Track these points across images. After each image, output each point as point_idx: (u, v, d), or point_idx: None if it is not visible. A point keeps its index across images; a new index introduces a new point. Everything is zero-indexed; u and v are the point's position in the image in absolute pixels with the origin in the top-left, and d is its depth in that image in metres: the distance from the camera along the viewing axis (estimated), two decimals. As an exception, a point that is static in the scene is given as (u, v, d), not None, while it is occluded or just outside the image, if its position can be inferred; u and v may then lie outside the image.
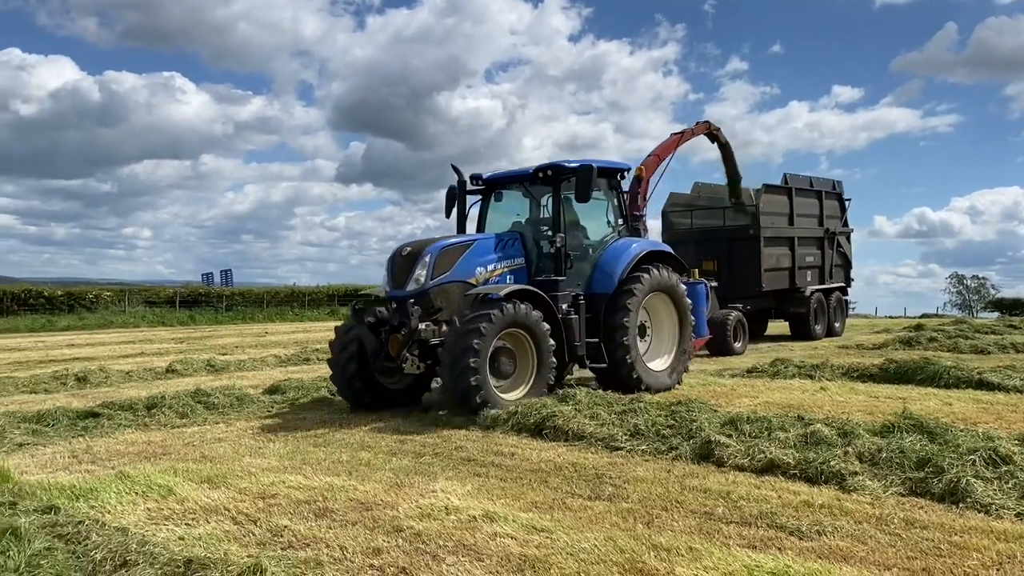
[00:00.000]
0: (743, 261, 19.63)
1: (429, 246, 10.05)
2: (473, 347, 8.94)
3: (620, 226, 11.72)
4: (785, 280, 20.35)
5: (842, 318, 22.83)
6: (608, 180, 11.61)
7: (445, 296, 9.90)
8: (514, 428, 8.50)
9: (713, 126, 19.62)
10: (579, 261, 11.00)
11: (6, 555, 4.28)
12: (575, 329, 10.36)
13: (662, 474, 6.62)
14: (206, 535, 5.18)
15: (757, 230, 19.46)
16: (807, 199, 21.53)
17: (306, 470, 7.09)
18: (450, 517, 5.49)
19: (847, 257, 23.27)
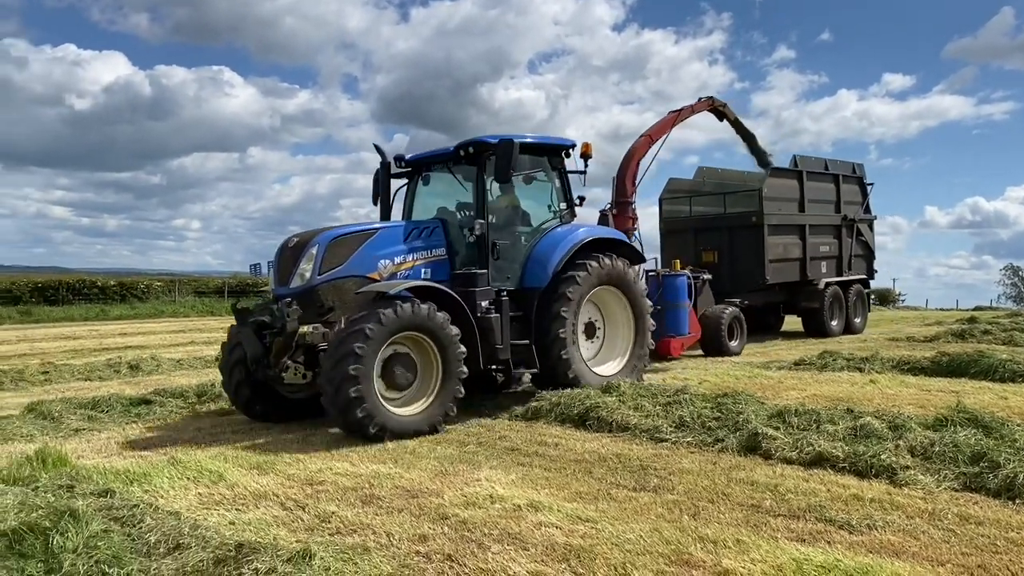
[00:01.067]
0: (746, 251, 17.65)
1: (318, 236, 8.73)
2: (355, 353, 7.58)
3: (563, 211, 10.37)
4: (795, 272, 18.38)
5: (863, 313, 20.62)
6: (549, 159, 10.29)
7: (338, 293, 8.58)
8: (557, 419, 8.50)
9: (718, 102, 18.07)
10: (509, 251, 9.68)
11: (65, 536, 4.40)
12: (495, 330, 9.02)
13: (708, 466, 6.56)
14: (256, 520, 5.28)
15: (760, 217, 17.45)
16: (821, 183, 19.43)
17: (352, 457, 7.18)
18: (495, 506, 5.51)
19: (869, 247, 21.10)
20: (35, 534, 4.46)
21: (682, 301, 13.95)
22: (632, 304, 10.47)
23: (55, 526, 4.50)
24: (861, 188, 20.83)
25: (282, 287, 8.75)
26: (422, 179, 10.54)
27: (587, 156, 10.27)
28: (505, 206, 10.03)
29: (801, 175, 18.65)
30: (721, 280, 16.97)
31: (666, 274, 14.17)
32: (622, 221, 14.60)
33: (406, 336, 8.12)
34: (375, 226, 9.19)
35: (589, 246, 10.00)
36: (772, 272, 17.58)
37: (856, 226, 20.21)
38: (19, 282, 36.07)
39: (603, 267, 10.00)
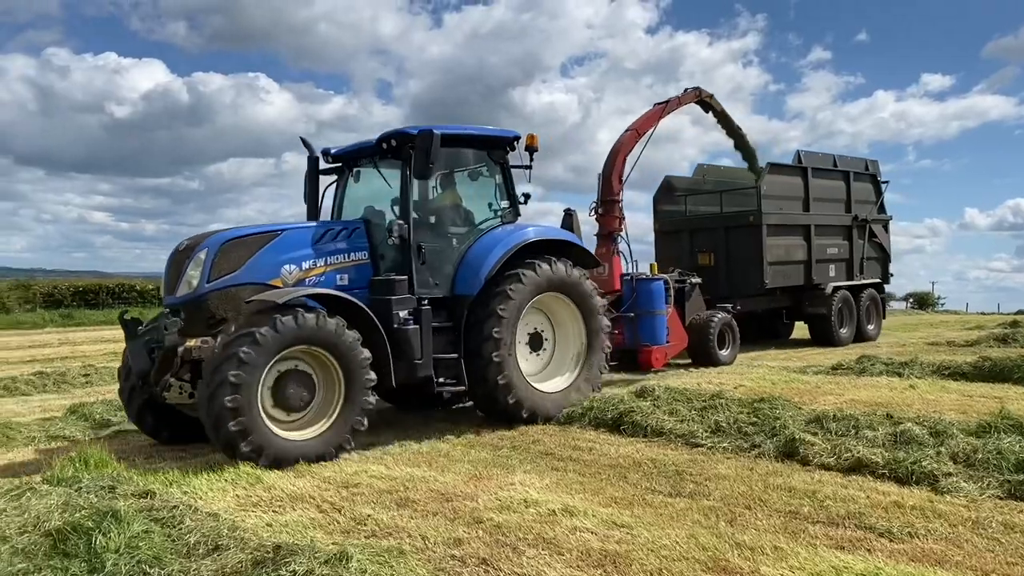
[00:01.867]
0: (743, 253, 16.38)
1: (208, 238, 7.83)
2: (238, 359, 6.71)
3: (506, 210, 9.37)
4: (799, 275, 17.05)
5: (877, 320, 19.09)
6: (490, 152, 9.30)
7: (231, 303, 7.60)
8: (592, 423, 8.48)
9: (704, 93, 16.88)
10: (440, 256, 8.73)
11: (108, 536, 4.48)
12: (414, 344, 8.07)
13: (744, 472, 6.50)
14: (292, 522, 5.33)
15: (758, 216, 16.11)
16: (829, 181, 18.02)
17: (387, 460, 7.22)
18: (529, 510, 5.50)
19: (884, 249, 19.63)
20: (78, 534, 4.55)
21: (658, 308, 12.78)
22: (583, 313, 9.40)
23: (98, 526, 4.58)
24: (875, 186, 19.46)
25: (170, 296, 7.90)
26: (352, 175, 9.60)
27: (532, 149, 9.32)
28: (443, 205, 9.22)
29: (805, 172, 17.32)
30: (718, 284, 16.22)
31: (640, 278, 13.08)
32: (608, 220, 14.07)
33: (305, 351, 7.24)
34: (279, 227, 8.20)
35: (534, 249, 9.02)
36: (772, 276, 16.32)
37: (869, 227, 18.85)
38: (61, 286, 36.87)
39: (546, 272, 8.91)
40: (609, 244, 13.91)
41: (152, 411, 8.17)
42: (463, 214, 9.30)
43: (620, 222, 14.12)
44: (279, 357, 7.04)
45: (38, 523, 4.85)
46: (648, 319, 12.86)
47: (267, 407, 7.07)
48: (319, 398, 7.41)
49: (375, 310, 7.88)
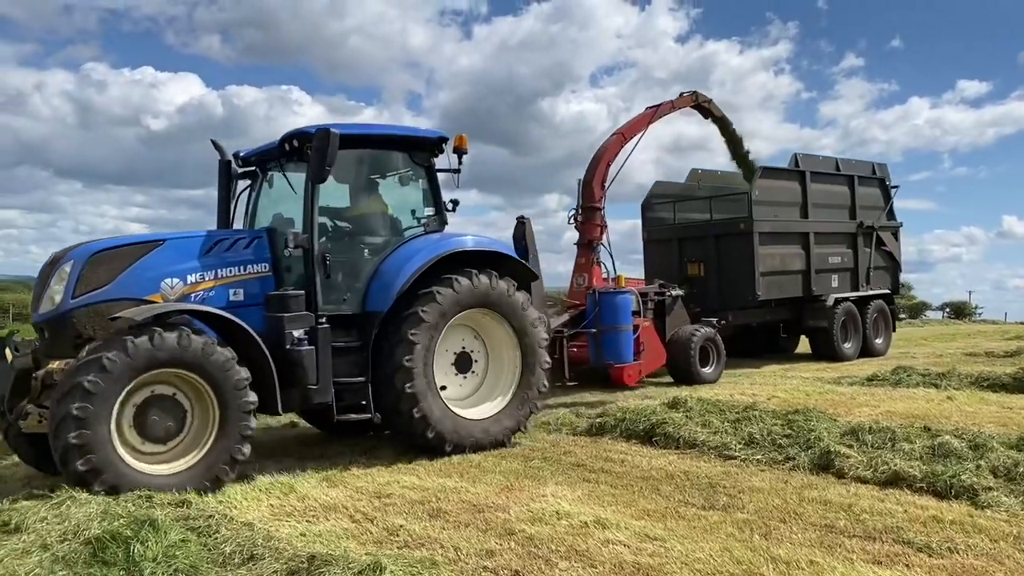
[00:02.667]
0: (734, 263, 15.32)
1: (75, 249, 7.09)
2: (83, 389, 5.98)
3: (429, 218, 8.52)
4: (797, 286, 15.96)
5: (886, 333, 17.88)
6: (412, 155, 8.45)
7: (101, 321, 6.79)
8: (623, 434, 8.44)
9: (702, 97, 15.95)
10: (351, 268, 7.91)
11: (145, 545, 4.54)
12: (307, 366, 7.21)
13: (779, 484, 6.43)
14: (326, 532, 5.37)
15: (750, 224, 15.03)
16: (831, 186, 16.99)
17: (419, 471, 7.25)
18: (561, 522, 5.49)
19: (894, 258, 18.49)
20: (117, 542, 4.61)
21: (623, 323, 11.58)
22: (516, 330, 8.40)
23: (136, 535, 4.65)
24: (883, 191, 18.35)
25: (34, 313, 7.16)
26: (267, 180, 8.74)
27: (461, 151, 8.54)
28: (358, 212, 8.41)
29: (803, 176, 16.24)
30: (708, 296, 15.36)
31: (604, 291, 11.95)
32: (589, 229, 13.52)
33: (173, 374, 6.46)
34: (160, 237, 7.45)
35: (468, 260, 8.16)
36: (765, 287, 15.19)
37: (876, 234, 17.76)
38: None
39: (466, 288, 7.95)
40: (589, 253, 13.42)
41: (32, 440, 7.08)
42: (381, 222, 8.42)
43: (602, 230, 13.59)
44: (139, 383, 6.29)
45: (78, 531, 4.93)
46: (612, 335, 11.57)
47: (128, 439, 6.33)
48: (192, 426, 6.62)
49: (268, 328, 7.23)
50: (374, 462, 7.65)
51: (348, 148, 7.72)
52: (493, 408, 8.31)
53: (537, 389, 8.55)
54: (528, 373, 8.47)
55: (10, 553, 4.75)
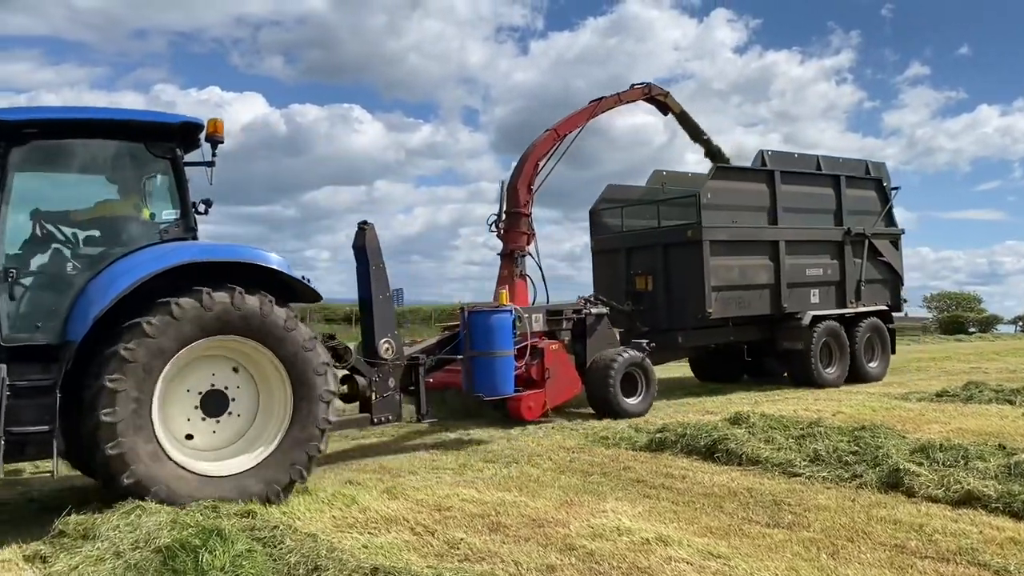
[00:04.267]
0: (683, 276, 13.40)
1: None
2: None
3: (171, 223, 6.85)
4: (764, 302, 13.88)
5: (882, 356, 15.52)
6: (148, 144, 6.77)
7: None
8: (684, 450, 8.33)
9: (657, 90, 14.36)
10: (52, 286, 6.39)
11: (213, 554, 4.64)
12: None
13: (846, 503, 6.28)
14: (387, 544, 5.41)
15: (698, 231, 13.08)
16: (810, 188, 14.82)
17: (478, 484, 7.26)
18: (622, 538, 5.44)
19: (893, 269, 16.07)
20: (186, 551, 4.71)
21: (498, 348, 9.40)
22: (282, 360, 6.60)
23: (204, 544, 4.74)
24: (880, 194, 16.04)
25: None
26: None
27: (216, 140, 6.95)
28: (82, 217, 6.91)
29: (772, 176, 14.15)
30: (656, 313, 13.63)
31: (475, 311, 9.79)
32: (513, 237, 12.22)
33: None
34: None
35: (204, 274, 6.33)
36: (720, 303, 13.20)
37: (870, 242, 15.45)
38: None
39: (192, 311, 6.17)
40: (511, 265, 12.18)
41: None
42: (103, 228, 6.83)
43: (528, 239, 12.36)
44: None
45: (149, 539, 5.05)
46: (484, 362, 9.37)
47: None
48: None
49: None
50: (433, 475, 7.70)
51: (57, 136, 6.48)
52: (253, 459, 6.51)
53: (316, 427, 6.69)
54: (302, 409, 6.66)
55: (85, 560, 4.92)
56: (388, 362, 8.48)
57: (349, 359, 8.15)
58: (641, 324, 13.30)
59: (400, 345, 8.77)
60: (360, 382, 8.34)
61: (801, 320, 13.97)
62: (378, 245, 8.81)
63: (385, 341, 8.51)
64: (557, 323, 11.35)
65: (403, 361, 8.75)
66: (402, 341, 8.98)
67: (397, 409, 8.49)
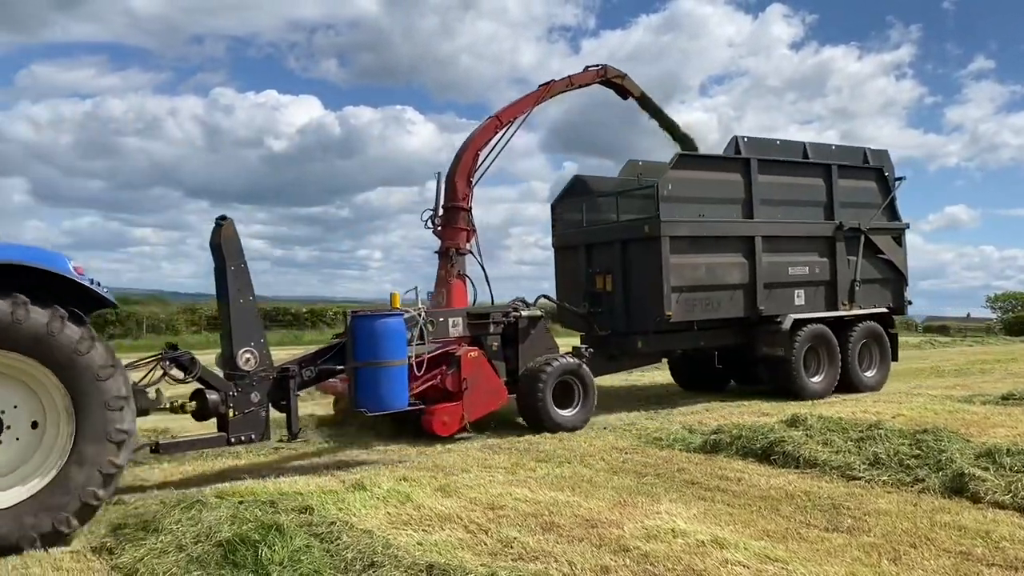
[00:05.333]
0: (641, 276, 12.11)
1: None
2: None
3: None
4: (737, 304, 12.48)
5: (880, 363, 13.91)
6: None
7: None
8: (739, 452, 8.22)
9: (613, 72, 13.12)
10: None
11: (272, 549, 4.73)
12: None
13: (907, 507, 6.13)
14: (441, 542, 5.44)
15: (656, 226, 11.77)
16: (794, 178, 13.34)
17: (531, 483, 7.26)
18: (677, 540, 5.39)
19: (896, 268, 14.47)
20: (246, 546, 4.82)
21: (385, 357, 8.27)
22: (71, 392, 5.72)
23: (263, 539, 4.85)
24: (880, 185, 14.41)
25: None
26: None
27: None
28: None
29: (747, 165, 12.72)
30: (615, 316, 12.38)
31: (359, 315, 8.56)
32: (450, 234, 11.34)
33: None
34: None
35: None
36: (681, 306, 11.85)
37: (866, 238, 13.90)
38: (223, 310, 39.27)
39: None
40: (448, 264, 11.31)
41: None
42: None
43: (468, 236, 11.44)
44: None
45: (210, 534, 5.18)
46: (370, 373, 8.26)
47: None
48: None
49: None
50: (486, 473, 7.72)
51: None
52: (24, 492, 5.60)
53: (100, 471, 5.69)
54: (84, 448, 5.69)
55: (149, 552, 5.07)
56: (250, 375, 7.55)
57: (195, 371, 7.25)
58: (600, 328, 12.27)
59: (265, 355, 7.74)
60: (211, 397, 7.33)
61: (781, 324, 12.59)
62: (238, 243, 7.82)
63: (246, 351, 7.56)
64: (482, 327, 10.28)
65: (271, 373, 7.76)
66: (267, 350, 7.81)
67: (262, 427, 7.59)
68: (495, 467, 8.04)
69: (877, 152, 14.58)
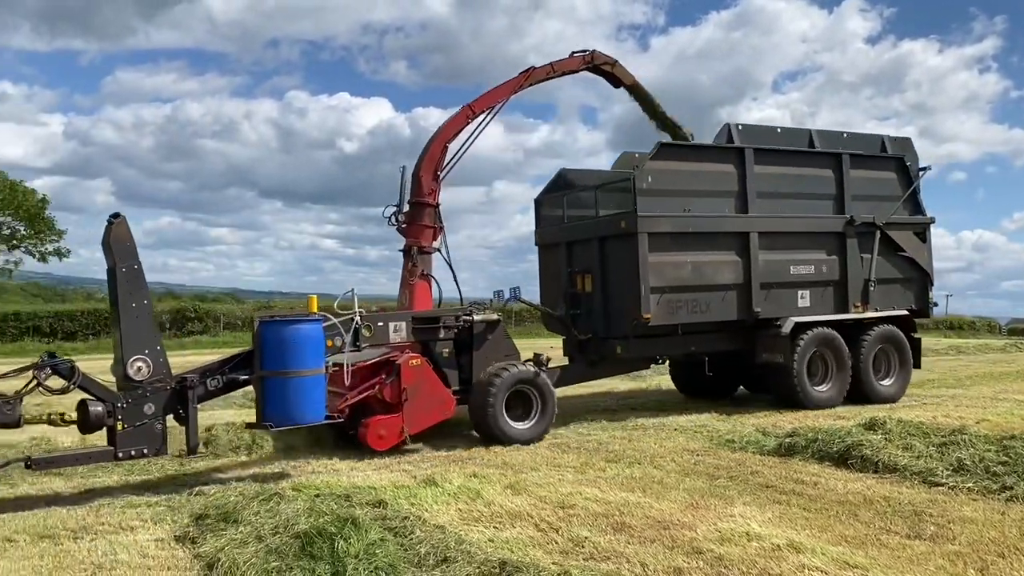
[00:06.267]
0: (619, 275, 11.23)
1: None
2: None
3: None
4: (730, 307, 11.46)
5: (899, 371, 12.56)
6: None
7: None
8: (815, 456, 8.04)
9: (601, 58, 12.18)
10: None
11: (348, 542, 4.82)
12: None
13: (994, 516, 5.90)
14: (512, 539, 5.47)
15: (633, 221, 10.85)
16: (798, 169, 12.29)
17: (600, 483, 7.24)
18: (752, 544, 5.30)
19: (919, 266, 13.14)
20: (323, 538, 4.92)
21: (296, 366, 7.51)
22: None
23: (339, 532, 4.94)
24: (901, 175, 13.14)
25: None
26: None
27: None
28: None
29: (741, 156, 11.74)
30: (595, 319, 11.57)
31: (266, 320, 7.78)
32: (414, 231, 10.50)
33: None
34: None
35: None
36: (662, 308, 10.87)
37: (883, 234, 12.72)
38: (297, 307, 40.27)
39: None
40: (410, 264, 10.51)
41: None
42: None
43: (435, 233, 10.65)
44: None
45: (288, 525, 5.32)
46: (277, 384, 7.51)
47: None
48: None
49: None
50: (555, 472, 7.72)
51: None
52: None
53: None
54: None
55: (230, 542, 5.22)
56: (143, 385, 7.06)
57: (75, 380, 6.77)
58: (579, 332, 11.53)
59: (161, 363, 7.19)
60: (94, 409, 6.86)
61: (780, 328, 11.54)
62: (131, 242, 7.24)
63: (138, 359, 7.01)
64: (431, 332, 9.55)
65: (168, 383, 7.23)
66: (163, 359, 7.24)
67: (158, 440, 7.11)
68: (564, 466, 8.04)
69: (898, 140, 13.45)
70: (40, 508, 6.63)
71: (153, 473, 8.05)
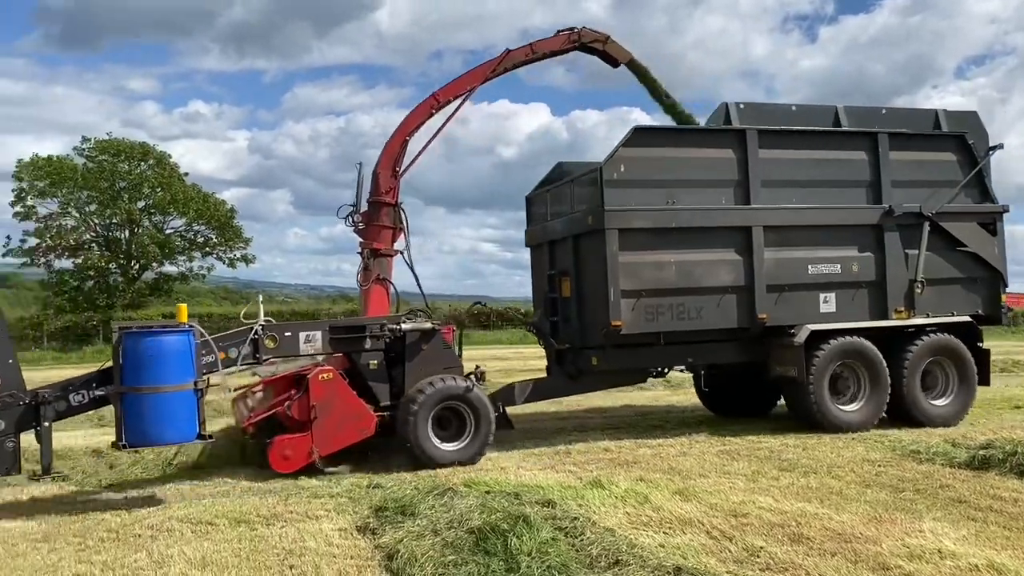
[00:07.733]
0: (590, 278, 10.02)
1: None
2: None
3: None
4: (728, 312, 9.92)
5: (958, 389, 10.62)
6: None
7: None
8: (1014, 470, 7.40)
9: (590, 35, 11.06)
10: None
11: (521, 539, 4.91)
12: None
13: None
14: (684, 545, 5.37)
15: (600, 217, 9.57)
16: (819, 152, 10.54)
17: (774, 492, 6.98)
18: (945, 562, 4.95)
19: (986, 263, 10.99)
20: (496, 534, 5.04)
21: (155, 381, 6.87)
22: None
23: (512, 529, 5.04)
24: (962, 156, 11.00)
25: None
26: None
27: None
28: None
29: (742, 138, 10.18)
30: (571, 326, 10.36)
31: (127, 330, 7.12)
32: (371, 232, 9.72)
33: None
34: None
35: None
36: (637, 314, 9.53)
37: (933, 225, 10.68)
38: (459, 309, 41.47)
39: None
40: (367, 268, 9.74)
41: None
42: None
43: (395, 234, 9.86)
44: None
45: (462, 520, 5.47)
46: (135, 401, 6.92)
47: None
48: None
49: None
50: (726, 480, 7.53)
51: None
52: None
53: None
54: None
55: (407, 535, 5.44)
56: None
57: None
58: (559, 341, 10.45)
59: (12, 378, 6.85)
60: None
61: (794, 337, 9.94)
62: None
63: None
64: (354, 343, 8.61)
65: (20, 400, 6.87)
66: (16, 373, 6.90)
67: (9, 460, 6.78)
68: (735, 474, 7.82)
69: (958, 115, 11.44)
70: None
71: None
